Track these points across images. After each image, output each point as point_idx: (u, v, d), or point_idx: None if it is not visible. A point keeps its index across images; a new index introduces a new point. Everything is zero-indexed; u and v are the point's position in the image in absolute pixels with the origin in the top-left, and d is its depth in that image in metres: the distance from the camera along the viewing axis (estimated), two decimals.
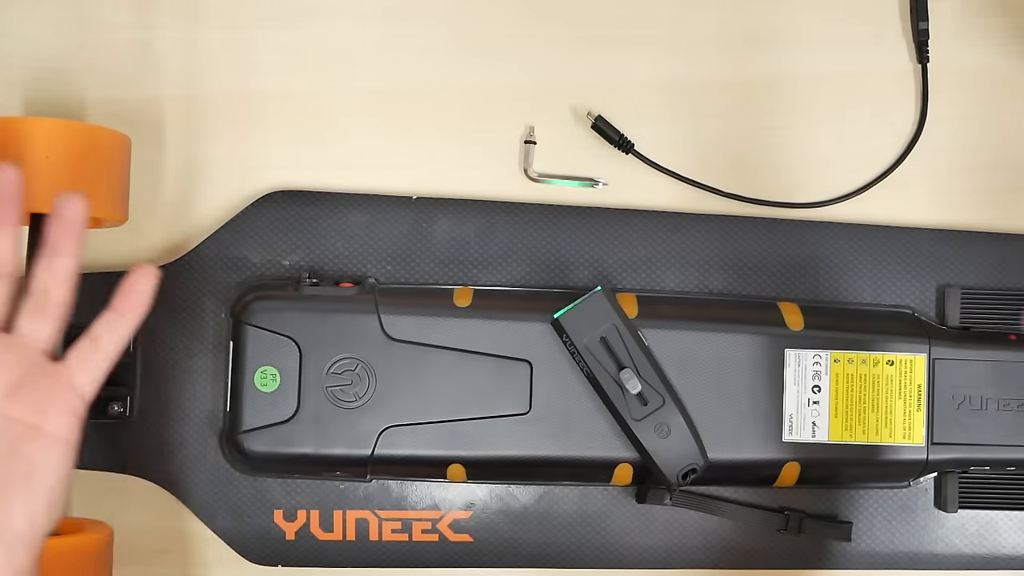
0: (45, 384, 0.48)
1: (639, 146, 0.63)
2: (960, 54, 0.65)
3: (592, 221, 0.63)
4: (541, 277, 0.62)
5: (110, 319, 0.50)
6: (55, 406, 0.48)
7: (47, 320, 0.49)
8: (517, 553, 0.62)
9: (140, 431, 0.61)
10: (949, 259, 0.63)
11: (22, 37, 0.64)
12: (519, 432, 0.58)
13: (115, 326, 0.50)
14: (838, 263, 0.63)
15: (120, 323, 0.50)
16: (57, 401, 0.48)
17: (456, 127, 0.64)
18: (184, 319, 0.61)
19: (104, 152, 0.57)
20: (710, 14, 0.64)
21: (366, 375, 0.57)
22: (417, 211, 0.62)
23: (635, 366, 0.56)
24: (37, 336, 0.49)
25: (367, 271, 0.62)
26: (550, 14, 0.64)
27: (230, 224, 0.62)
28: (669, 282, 0.63)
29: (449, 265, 0.62)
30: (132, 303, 0.50)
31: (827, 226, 0.63)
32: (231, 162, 0.63)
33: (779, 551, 0.62)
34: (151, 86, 0.64)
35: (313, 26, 0.64)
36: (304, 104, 0.64)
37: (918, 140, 0.64)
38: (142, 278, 0.50)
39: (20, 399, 0.47)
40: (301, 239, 0.62)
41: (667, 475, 0.57)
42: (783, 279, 0.63)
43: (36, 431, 0.47)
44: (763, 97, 0.64)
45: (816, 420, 0.59)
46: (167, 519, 0.62)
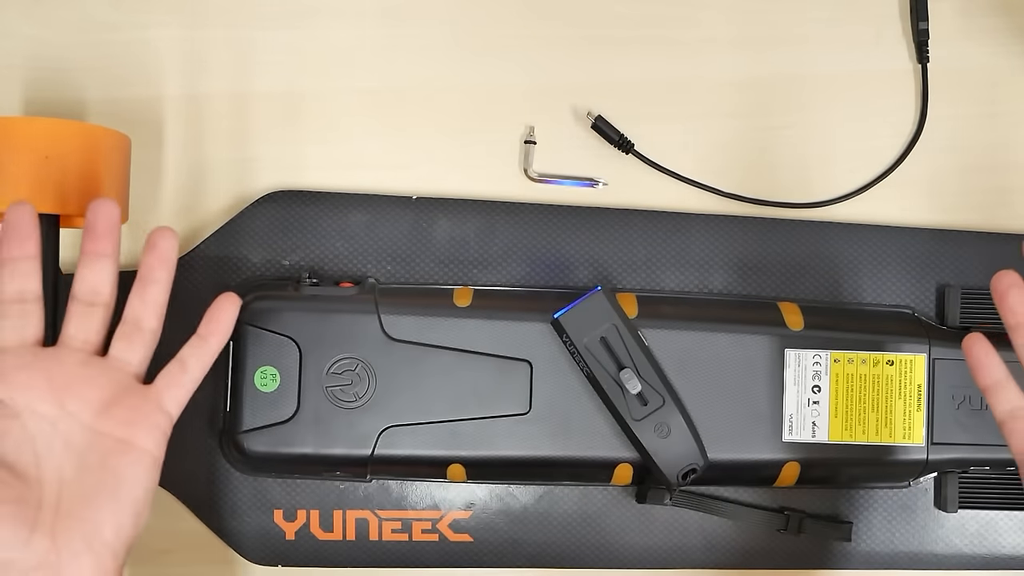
0: (135, 403, 0.51)
1: (639, 146, 0.63)
2: (960, 54, 0.65)
3: (592, 221, 0.63)
4: (541, 277, 0.62)
5: (196, 344, 0.53)
6: (144, 424, 0.51)
7: (138, 346, 0.52)
8: (517, 553, 0.62)
9: None
10: (949, 259, 0.63)
11: (22, 37, 0.64)
12: (519, 432, 0.58)
13: (200, 351, 0.53)
14: (838, 263, 0.63)
15: (205, 348, 0.53)
16: (146, 419, 0.51)
17: (456, 127, 0.64)
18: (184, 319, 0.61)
19: (104, 152, 0.57)
20: (710, 14, 0.64)
21: (366, 375, 0.57)
22: (417, 211, 0.62)
23: (635, 366, 0.56)
24: (129, 360, 0.52)
25: (367, 271, 0.62)
26: (550, 14, 0.64)
27: (230, 224, 0.62)
28: (669, 282, 0.63)
29: (449, 265, 0.62)
30: (216, 329, 0.53)
31: (827, 226, 0.63)
32: (231, 162, 0.63)
33: (779, 551, 0.62)
34: (151, 86, 0.64)
35: (313, 26, 0.64)
36: (304, 104, 0.64)
37: (918, 140, 0.64)
38: (225, 305, 0.54)
39: (112, 416, 0.50)
40: (301, 239, 0.62)
41: (667, 475, 0.57)
42: (783, 279, 0.63)
43: (126, 446, 0.50)
44: (763, 97, 0.64)
45: (816, 420, 0.59)
46: (167, 519, 0.62)
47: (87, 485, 0.48)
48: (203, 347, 0.53)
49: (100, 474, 0.49)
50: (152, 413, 0.51)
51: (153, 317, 0.53)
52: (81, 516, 0.48)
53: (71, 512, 0.48)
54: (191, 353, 0.53)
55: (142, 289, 0.53)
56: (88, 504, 0.48)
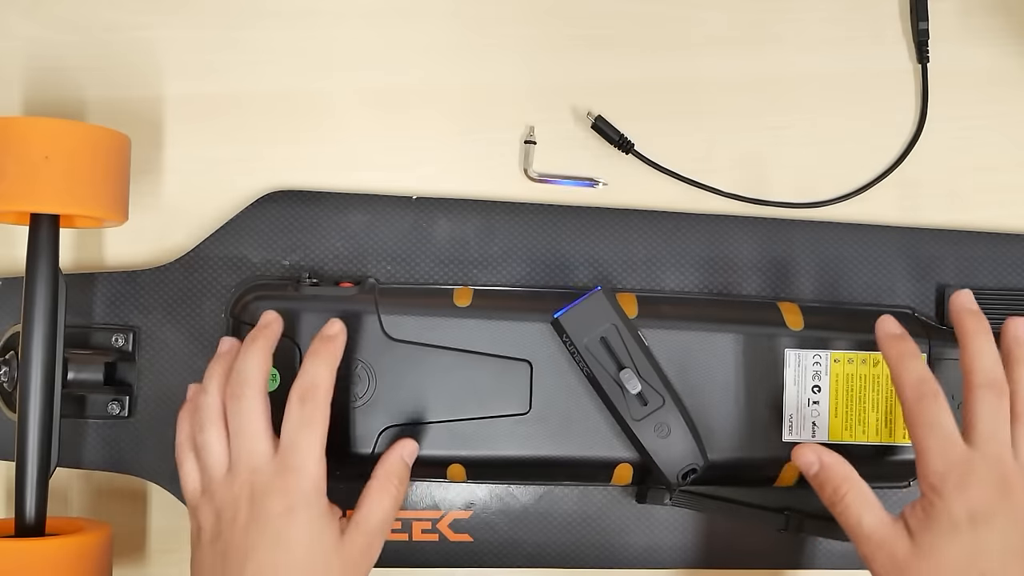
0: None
1: (639, 146, 0.63)
2: (960, 54, 0.65)
3: (592, 221, 0.63)
4: (541, 277, 0.62)
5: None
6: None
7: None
8: (517, 553, 0.62)
9: (140, 431, 0.61)
10: (949, 259, 0.63)
11: (22, 37, 0.64)
12: (519, 432, 0.58)
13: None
14: (838, 263, 0.63)
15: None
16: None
17: (456, 127, 0.64)
18: (184, 319, 0.61)
19: (104, 152, 0.57)
20: (711, 14, 0.64)
21: (366, 375, 0.57)
22: (417, 211, 0.62)
23: (635, 366, 0.56)
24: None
25: (367, 271, 0.62)
26: (550, 14, 0.64)
27: (230, 224, 0.62)
28: (669, 282, 0.63)
29: (449, 265, 0.62)
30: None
31: (827, 226, 0.63)
32: (231, 162, 0.63)
33: (779, 551, 0.62)
34: (151, 86, 0.64)
35: (313, 26, 0.64)
36: (304, 104, 0.64)
37: (918, 140, 0.64)
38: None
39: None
40: (301, 239, 0.62)
41: (667, 475, 0.57)
42: (783, 279, 0.63)
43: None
44: (763, 97, 0.64)
45: (816, 420, 0.59)
46: (167, 519, 0.62)
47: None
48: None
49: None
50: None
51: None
52: None
53: None
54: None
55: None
56: None
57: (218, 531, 0.51)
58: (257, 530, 0.50)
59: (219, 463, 0.52)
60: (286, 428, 0.51)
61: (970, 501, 0.48)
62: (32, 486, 0.55)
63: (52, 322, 0.56)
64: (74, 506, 0.63)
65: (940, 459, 0.49)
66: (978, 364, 0.51)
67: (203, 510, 0.52)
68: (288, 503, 0.50)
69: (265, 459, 0.51)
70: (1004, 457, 0.50)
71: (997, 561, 0.48)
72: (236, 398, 0.52)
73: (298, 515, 0.50)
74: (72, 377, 0.59)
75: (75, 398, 0.60)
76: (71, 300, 0.59)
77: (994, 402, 0.50)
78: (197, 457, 0.53)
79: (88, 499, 0.63)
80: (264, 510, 0.50)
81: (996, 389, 0.51)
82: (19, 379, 0.55)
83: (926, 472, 0.50)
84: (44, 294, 0.56)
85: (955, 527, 0.48)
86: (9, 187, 0.54)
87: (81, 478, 0.63)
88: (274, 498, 0.50)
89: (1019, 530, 0.49)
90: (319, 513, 0.51)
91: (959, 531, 0.48)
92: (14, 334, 0.60)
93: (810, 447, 0.53)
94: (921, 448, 0.50)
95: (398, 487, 0.54)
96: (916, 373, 0.51)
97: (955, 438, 0.50)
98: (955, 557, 0.48)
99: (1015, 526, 0.49)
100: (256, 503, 0.50)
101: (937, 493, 0.49)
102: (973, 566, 0.48)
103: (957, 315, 0.53)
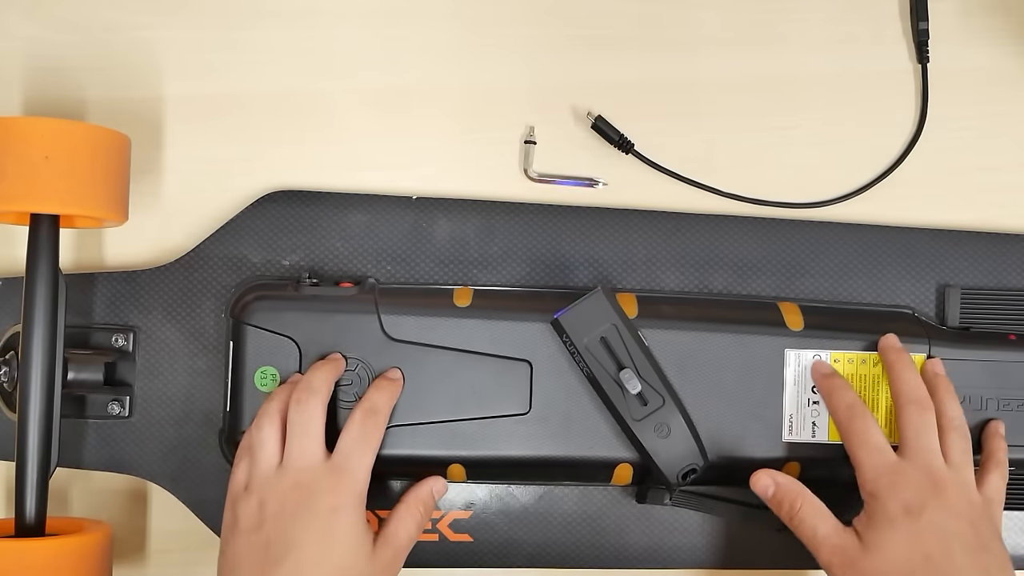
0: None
1: (639, 146, 0.63)
2: (960, 54, 0.65)
3: (592, 221, 0.63)
4: (541, 277, 0.62)
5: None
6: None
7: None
8: (517, 553, 0.62)
9: (140, 431, 0.61)
10: (949, 259, 0.63)
11: (22, 37, 0.64)
12: (519, 432, 0.58)
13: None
14: (838, 263, 0.63)
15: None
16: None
17: (456, 127, 0.64)
18: (184, 319, 0.61)
19: (104, 152, 0.57)
20: (711, 14, 0.64)
21: (366, 375, 0.57)
22: (417, 211, 0.62)
23: (635, 366, 0.56)
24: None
25: (367, 271, 0.62)
26: (550, 14, 0.64)
27: (230, 224, 0.62)
28: (669, 282, 0.63)
29: (449, 265, 0.62)
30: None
31: (827, 226, 0.63)
32: (231, 162, 0.63)
33: (779, 551, 0.62)
34: (151, 86, 0.64)
35: (313, 26, 0.64)
36: (304, 104, 0.64)
37: (918, 140, 0.64)
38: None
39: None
40: (301, 239, 0.62)
41: (667, 475, 0.57)
42: (783, 279, 0.63)
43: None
44: (763, 97, 0.64)
45: (816, 420, 0.59)
46: (167, 519, 0.62)
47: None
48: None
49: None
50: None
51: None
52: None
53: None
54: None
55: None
56: None
57: (260, 521, 0.52)
58: (303, 523, 0.51)
59: (271, 458, 0.54)
60: (345, 439, 0.54)
61: (903, 498, 0.53)
62: (32, 486, 0.55)
63: (52, 322, 0.56)
64: (74, 506, 0.63)
65: (873, 469, 0.55)
66: (903, 385, 0.57)
67: (245, 501, 0.53)
68: (336, 503, 0.52)
69: (318, 461, 0.53)
70: (934, 463, 0.55)
71: (937, 544, 0.52)
72: (299, 402, 0.54)
73: (345, 516, 0.52)
74: (72, 377, 0.59)
75: (75, 398, 0.60)
76: (71, 300, 0.59)
77: (920, 415, 0.56)
78: (250, 454, 0.54)
79: (88, 499, 0.63)
80: (313, 505, 0.52)
81: (921, 404, 0.56)
82: (19, 379, 0.55)
83: (863, 482, 0.55)
84: (44, 294, 0.55)
85: (892, 521, 0.53)
86: (9, 187, 0.54)
87: (81, 478, 0.63)
88: (324, 496, 0.52)
89: (954, 519, 0.53)
90: (361, 521, 0.53)
91: (897, 524, 0.53)
92: (14, 334, 0.60)
93: (764, 472, 0.57)
94: (857, 462, 0.55)
95: (423, 514, 0.56)
96: (846, 400, 0.57)
97: (886, 450, 0.55)
98: (898, 547, 0.52)
99: (949, 515, 0.53)
100: (304, 498, 0.52)
101: (874, 497, 0.54)
102: (916, 551, 0.52)
103: (883, 352, 0.59)
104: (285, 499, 0.52)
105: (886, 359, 0.58)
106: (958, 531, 0.53)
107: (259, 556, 0.51)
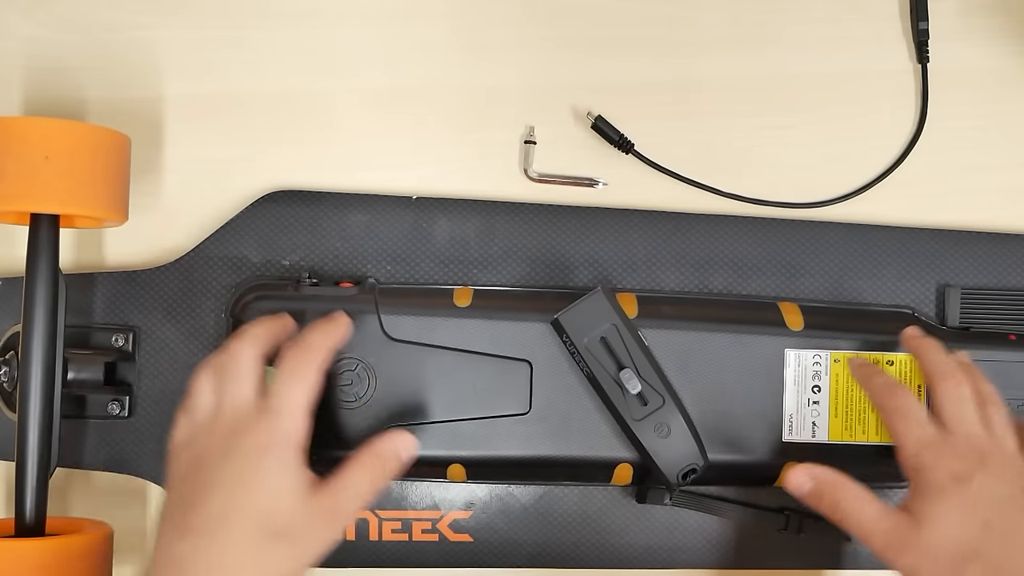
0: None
1: (639, 146, 0.63)
2: (960, 54, 0.65)
3: (592, 221, 0.63)
4: (541, 277, 0.62)
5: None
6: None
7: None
8: (517, 553, 0.62)
9: (140, 431, 0.61)
10: (949, 259, 0.63)
11: (22, 37, 0.64)
12: (519, 432, 0.58)
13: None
14: (838, 263, 0.63)
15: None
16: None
17: (456, 127, 0.64)
18: (184, 319, 0.61)
19: (104, 152, 0.57)
20: (710, 14, 0.64)
21: (366, 375, 0.57)
22: (417, 211, 0.62)
23: (635, 366, 0.56)
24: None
25: (367, 271, 0.62)
26: (550, 14, 0.64)
27: (230, 224, 0.62)
28: (669, 282, 0.63)
29: (449, 265, 0.62)
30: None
31: (827, 226, 0.63)
32: (231, 162, 0.63)
33: (779, 551, 0.62)
34: (151, 86, 0.64)
35: (313, 26, 0.64)
36: (304, 104, 0.64)
37: (918, 140, 0.64)
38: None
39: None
40: (301, 239, 0.62)
41: (667, 475, 0.57)
42: (783, 279, 0.63)
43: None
44: (763, 97, 0.64)
45: (816, 420, 0.59)
46: None
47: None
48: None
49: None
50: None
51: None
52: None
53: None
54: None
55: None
56: None
57: (188, 470, 0.50)
58: (227, 466, 0.48)
59: (205, 406, 0.51)
60: (276, 378, 0.51)
61: (950, 467, 0.51)
62: (32, 486, 0.55)
63: (52, 322, 0.56)
64: (74, 506, 0.63)
65: (916, 442, 0.53)
66: (935, 365, 0.55)
67: (178, 454, 0.51)
68: (263, 442, 0.49)
69: (249, 403, 0.50)
70: (975, 433, 0.53)
71: (994, 509, 0.50)
72: (231, 346, 0.52)
73: (272, 455, 0.49)
74: (72, 377, 0.59)
75: (75, 398, 0.60)
76: (71, 300, 0.59)
77: (955, 389, 0.54)
78: (184, 410, 0.52)
79: (88, 499, 0.63)
80: (238, 446, 0.49)
81: (955, 378, 0.54)
82: (19, 379, 0.55)
83: (905, 457, 0.53)
84: (44, 294, 0.56)
85: (943, 491, 0.51)
86: (9, 187, 0.54)
87: (81, 478, 0.63)
88: (251, 436, 0.49)
89: (1005, 484, 0.51)
90: (293, 462, 0.49)
91: (948, 493, 0.51)
92: (14, 334, 0.60)
93: (800, 469, 0.55)
94: (898, 437, 0.53)
95: (380, 470, 0.52)
96: (882, 380, 0.56)
97: (927, 424, 0.53)
98: (953, 516, 0.50)
99: (999, 481, 0.51)
100: (232, 441, 0.49)
101: (918, 471, 0.52)
102: (973, 518, 0.50)
103: (907, 341, 0.58)
104: (214, 445, 0.49)
105: (912, 346, 0.57)
106: (1012, 495, 0.51)
107: (187, 504, 0.48)
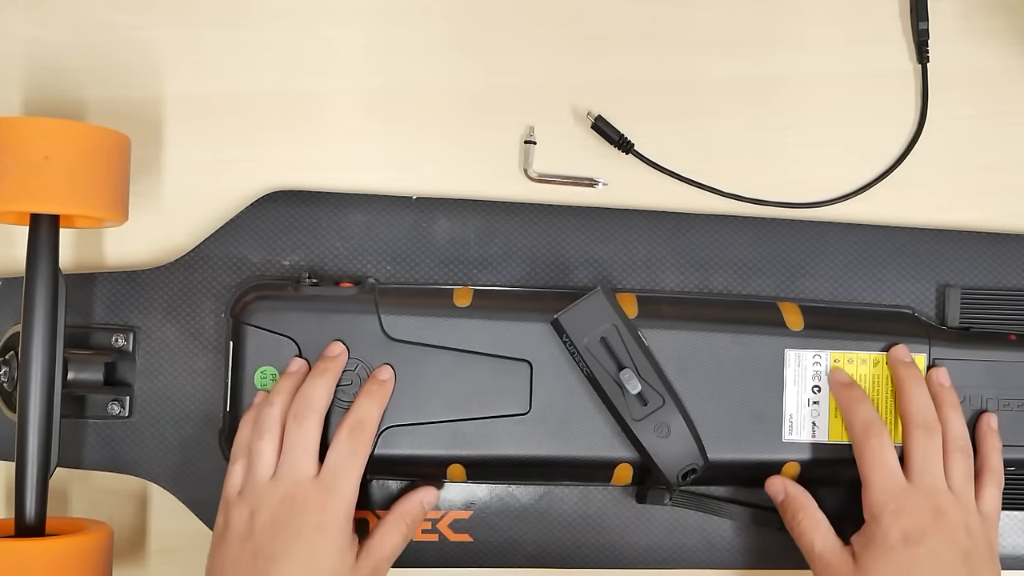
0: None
1: (639, 146, 0.63)
2: (960, 54, 0.65)
3: (592, 221, 0.63)
4: (541, 277, 0.62)
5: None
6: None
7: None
8: (517, 553, 0.62)
9: (140, 431, 0.61)
10: (949, 259, 0.63)
11: (22, 37, 0.64)
12: (519, 432, 0.58)
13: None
14: (838, 263, 0.63)
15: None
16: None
17: (456, 127, 0.64)
18: (184, 319, 0.61)
19: (104, 152, 0.57)
20: (710, 14, 0.64)
21: (366, 375, 0.57)
22: (417, 211, 0.62)
23: (635, 366, 0.56)
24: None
25: (367, 271, 0.62)
26: (550, 14, 0.64)
27: (230, 224, 0.62)
28: (669, 282, 0.63)
29: (449, 265, 0.62)
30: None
31: (827, 226, 0.63)
32: (231, 162, 0.63)
33: (779, 551, 0.62)
34: (151, 86, 0.64)
35: (313, 26, 0.64)
36: (304, 104, 0.64)
37: (918, 140, 0.64)
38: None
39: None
40: (301, 239, 0.62)
41: (667, 475, 0.57)
42: (783, 279, 0.63)
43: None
44: (763, 97, 0.64)
45: (816, 420, 0.59)
46: (167, 519, 0.62)
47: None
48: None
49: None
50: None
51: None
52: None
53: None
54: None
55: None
56: None
57: (250, 530, 0.54)
58: (290, 538, 0.53)
59: (266, 469, 0.55)
60: (332, 455, 0.55)
61: (904, 525, 0.54)
62: (32, 486, 0.55)
63: (52, 322, 0.56)
64: (74, 506, 0.63)
65: (880, 491, 0.55)
66: (912, 408, 0.57)
67: (238, 508, 0.55)
68: (322, 520, 0.53)
69: (309, 477, 0.55)
70: (937, 488, 0.55)
71: (932, 575, 0.53)
72: (298, 418, 0.55)
73: (328, 534, 0.53)
74: (72, 377, 0.59)
75: (75, 398, 0.60)
76: (71, 300, 0.59)
77: (927, 440, 0.56)
78: (248, 460, 0.56)
79: (88, 499, 0.63)
80: (299, 520, 0.53)
81: (928, 428, 0.57)
82: (19, 379, 0.55)
83: (870, 503, 0.55)
84: (44, 294, 0.56)
85: (891, 549, 0.54)
86: (9, 187, 0.54)
87: (81, 478, 0.63)
88: (311, 514, 0.53)
89: (952, 548, 0.54)
90: (346, 537, 0.54)
91: (894, 551, 0.54)
92: (14, 334, 0.60)
93: (778, 478, 0.59)
94: (867, 481, 0.56)
95: (410, 526, 0.58)
96: (864, 416, 0.57)
97: (896, 473, 0.56)
98: (890, 574, 0.53)
99: (948, 545, 0.54)
100: (292, 513, 0.53)
101: (876, 520, 0.55)
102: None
103: (892, 365, 0.59)
104: (275, 512, 0.54)
105: (895, 374, 0.58)
106: (954, 562, 0.54)
107: (246, 566, 0.53)
